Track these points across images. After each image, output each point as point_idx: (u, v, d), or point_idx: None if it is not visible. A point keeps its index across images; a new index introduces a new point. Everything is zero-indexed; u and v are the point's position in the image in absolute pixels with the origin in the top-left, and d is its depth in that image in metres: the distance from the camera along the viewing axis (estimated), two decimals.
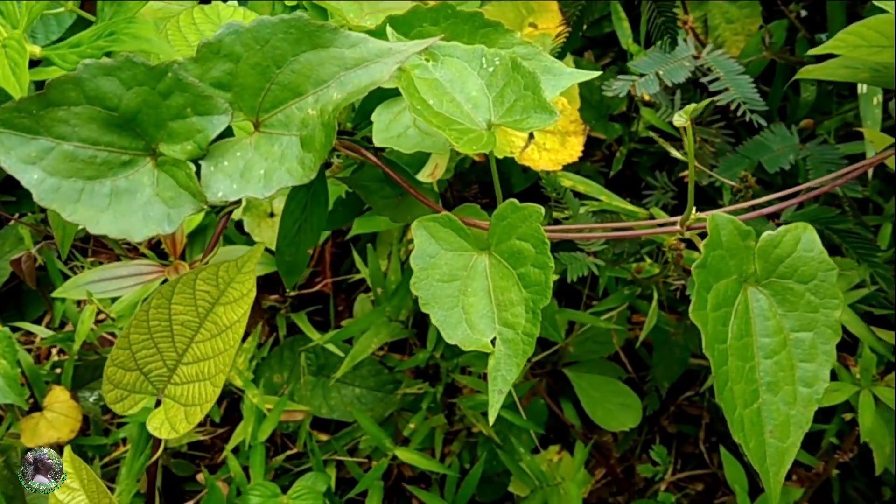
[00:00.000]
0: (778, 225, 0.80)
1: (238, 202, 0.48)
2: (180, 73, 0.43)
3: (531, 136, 0.78)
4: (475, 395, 1.06)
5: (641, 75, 0.84)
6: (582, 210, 0.96)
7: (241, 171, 0.44)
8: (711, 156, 0.94)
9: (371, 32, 0.60)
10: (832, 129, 0.98)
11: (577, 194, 0.96)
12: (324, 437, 1.18)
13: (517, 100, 0.52)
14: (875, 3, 0.49)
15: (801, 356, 0.50)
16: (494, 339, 0.50)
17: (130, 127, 0.44)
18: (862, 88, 0.87)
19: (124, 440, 1.21)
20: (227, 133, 0.48)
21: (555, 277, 0.96)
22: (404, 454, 1.08)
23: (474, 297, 0.51)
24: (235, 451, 1.13)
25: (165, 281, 0.96)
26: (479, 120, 0.53)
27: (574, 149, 0.84)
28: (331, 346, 1.15)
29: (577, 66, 1.20)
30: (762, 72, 1.07)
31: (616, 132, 1.17)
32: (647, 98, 0.99)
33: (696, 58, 0.85)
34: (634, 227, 0.66)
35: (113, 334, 1.20)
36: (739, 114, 0.81)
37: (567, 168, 1.22)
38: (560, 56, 0.85)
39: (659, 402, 1.14)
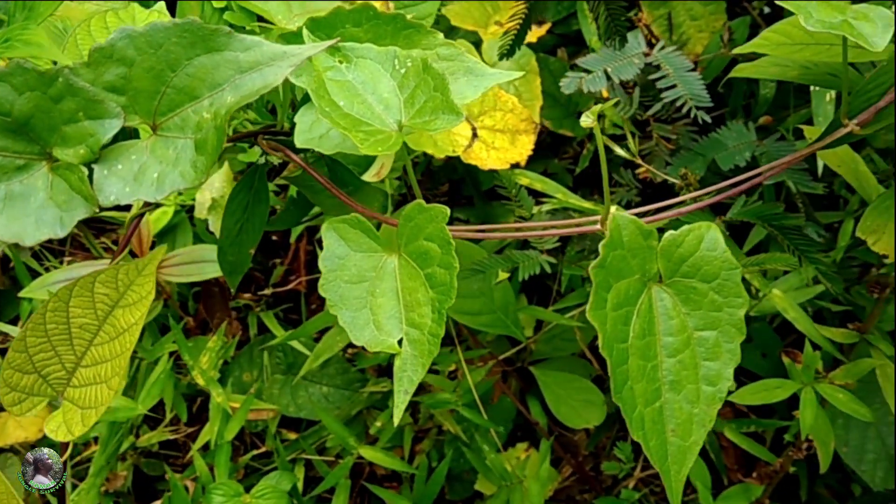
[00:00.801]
0: (725, 221, 0.80)
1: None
2: (71, 78, 0.44)
3: (474, 134, 0.78)
4: (437, 392, 1.06)
5: (590, 72, 0.84)
6: (545, 208, 0.96)
7: (135, 175, 0.45)
8: (668, 153, 0.94)
9: (295, 34, 0.60)
10: (791, 126, 0.98)
11: (536, 192, 0.97)
12: (293, 436, 1.19)
13: (427, 101, 0.52)
14: (783, 3, 0.49)
15: (705, 355, 0.50)
16: (401, 340, 0.51)
17: (24, 132, 0.44)
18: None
19: (95, 439, 1.22)
20: (134, 135, 0.48)
21: (505, 276, 0.97)
22: (369, 453, 1.08)
23: (383, 297, 0.51)
24: (207, 449, 1.14)
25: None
26: (389, 121, 0.53)
27: (524, 147, 0.84)
28: (297, 345, 1.15)
29: (546, 64, 1.20)
30: (725, 68, 1.06)
31: (584, 129, 1.17)
32: (605, 94, 0.99)
33: (646, 55, 0.85)
34: (557, 227, 0.66)
35: None
36: (685, 111, 0.80)
37: (535, 165, 1.22)
38: (510, 52, 0.85)
39: None
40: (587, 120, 0.51)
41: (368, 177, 0.80)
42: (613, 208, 0.58)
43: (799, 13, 0.47)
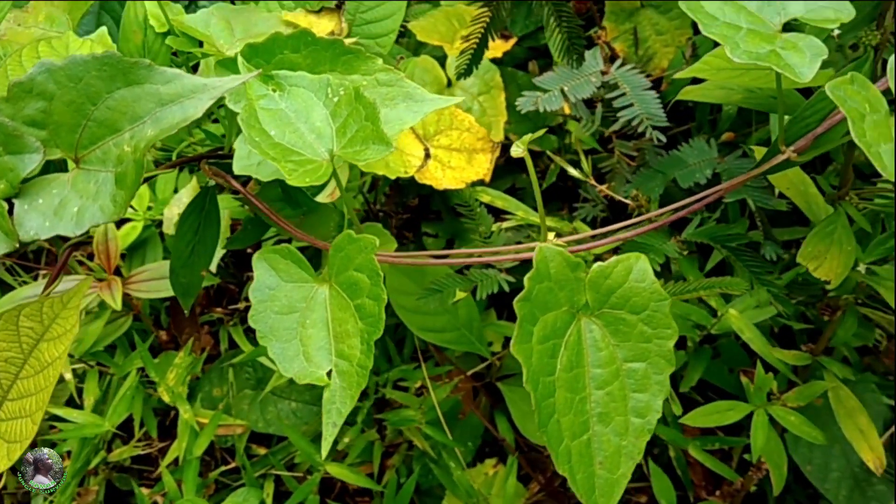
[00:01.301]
0: (680, 240, 0.80)
1: None
2: None
3: (427, 155, 0.78)
4: (402, 409, 1.06)
5: (546, 91, 0.84)
6: (506, 225, 0.96)
7: (55, 209, 0.45)
8: (630, 170, 0.94)
9: (233, 61, 0.60)
10: (754, 143, 0.97)
11: (497, 209, 0.97)
12: (262, 451, 1.19)
13: (358, 130, 0.52)
14: (711, 35, 0.48)
15: (634, 386, 0.49)
16: (331, 371, 0.50)
17: None
18: None
19: (69, 453, 1.22)
20: (64, 167, 0.48)
21: (462, 295, 0.96)
22: (336, 469, 1.08)
23: (313, 328, 0.51)
24: (178, 464, 1.13)
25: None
26: (321, 150, 0.53)
27: (481, 166, 0.84)
28: (265, 360, 1.15)
29: (514, 78, 1.20)
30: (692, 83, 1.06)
31: (552, 144, 1.17)
32: (567, 111, 0.99)
33: (604, 73, 0.85)
34: (483, 255, 0.66)
35: None
36: (640, 130, 0.80)
37: (503, 180, 1.22)
38: (466, 72, 0.85)
39: None
40: (517, 150, 0.51)
41: (322, 198, 0.80)
42: (551, 236, 0.58)
43: (726, 44, 0.47)
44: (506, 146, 1.20)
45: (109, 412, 1.10)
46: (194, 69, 0.71)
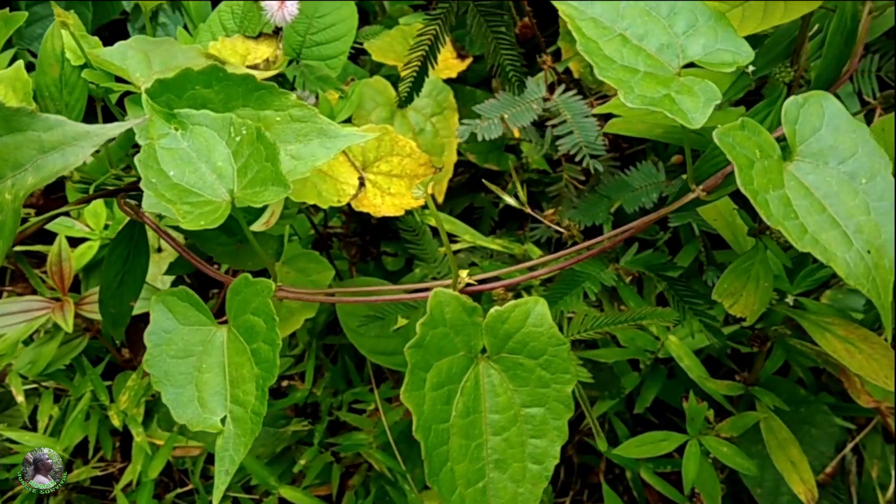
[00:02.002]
0: (617, 270, 0.79)
1: None
2: None
3: (361, 184, 0.78)
4: (354, 432, 1.05)
5: (486, 118, 0.83)
6: (455, 247, 0.95)
7: None
8: (576, 194, 0.93)
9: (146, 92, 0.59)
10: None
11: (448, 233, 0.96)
12: None
13: (259, 171, 0.52)
14: (607, 79, 0.48)
15: (532, 432, 0.49)
16: (225, 417, 0.50)
17: None
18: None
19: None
20: None
21: (403, 322, 0.96)
22: (290, 493, 1.07)
23: (209, 373, 0.50)
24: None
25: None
26: (221, 191, 0.52)
27: None
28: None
29: (473, 97, 1.20)
30: None
31: (509, 162, 1.16)
32: (517, 134, 0.99)
33: (546, 100, 0.84)
34: (391, 292, 0.66)
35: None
36: (578, 159, 0.80)
37: (461, 200, 1.21)
38: (408, 99, 0.84)
39: None
40: (418, 192, 0.50)
41: (257, 227, 0.79)
42: (463, 273, 0.58)
43: (620, 89, 0.46)
44: (462, 165, 1.20)
45: (63, 434, 1.09)
46: (121, 102, 0.70)
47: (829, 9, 0.54)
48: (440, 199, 1.06)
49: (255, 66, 0.77)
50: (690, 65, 0.50)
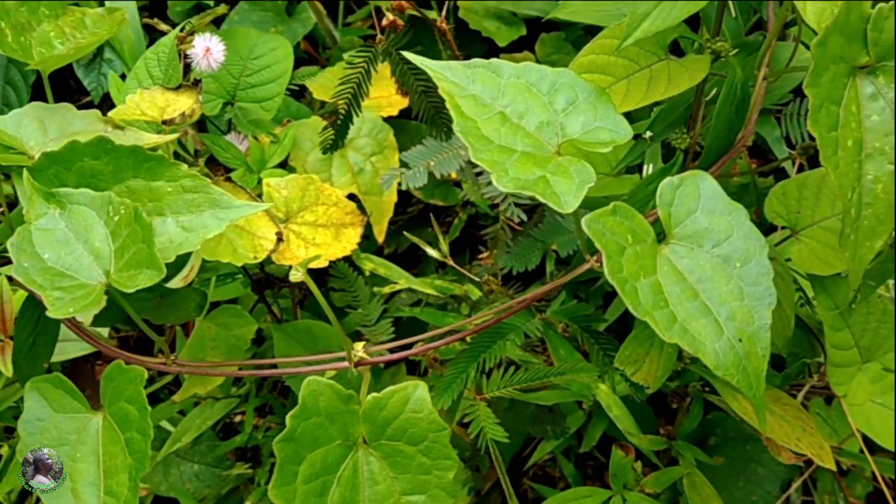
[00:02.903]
0: (543, 319, 0.78)
1: None
2: None
3: (279, 239, 0.76)
4: None
5: (412, 167, 0.82)
6: (387, 290, 0.94)
7: None
8: (512, 236, 0.92)
9: (45, 162, 0.58)
10: None
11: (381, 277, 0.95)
12: None
13: (135, 253, 0.50)
14: (481, 161, 0.46)
15: None
16: None
17: None
18: (648, 168, 0.85)
19: None
20: None
21: (332, 373, 0.94)
22: None
23: (83, 462, 0.49)
24: None
25: None
26: (97, 273, 0.51)
27: (349, 241, 0.82)
28: (164, 423, 1.13)
29: (419, 132, 1.18)
30: None
31: (456, 197, 1.15)
32: (454, 176, 0.97)
33: None
34: (295, 364, 0.65)
35: None
36: (501, 208, 0.78)
37: (403, 236, 1.20)
38: (332, 147, 0.83)
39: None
40: (296, 275, 0.49)
41: (175, 283, 0.78)
42: (359, 346, 0.57)
43: (493, 172, 0.45)
44: (405, 203, 1.19)
45: (3, 480, 1.08)
46: None
47: (723, 75, 0.53)
48: (381, 239, 1.05)
49: (170, 121, 0.76)
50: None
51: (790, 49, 0.55)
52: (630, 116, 0.54)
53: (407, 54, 0.52)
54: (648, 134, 0.59)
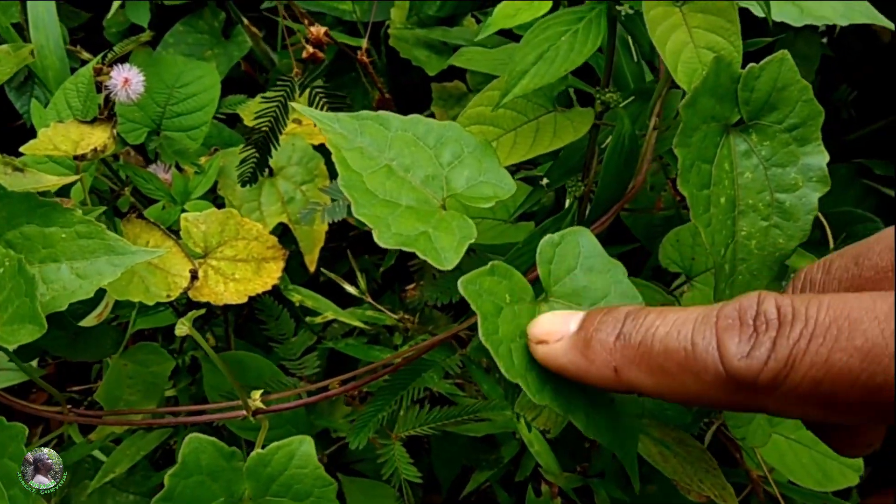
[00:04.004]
0: (463, 355, 0.78)
1: None
2: None
3: (194, 276, 0.76)
4: None
5: (334, 200, 0.82)
6: (317, 320, 0.94)
7: None
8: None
9: None
10: None
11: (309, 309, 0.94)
12: None
13: (18, 307, 0.50)
14: (362, 217, 0.46)
15: None
16: None
17: None
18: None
19: None
20: None
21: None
22: None
23: None
24: None
25: None
26: None
27: (271, 275, 0.82)
28: (97, 453, 1.11)
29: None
30: None
31: None
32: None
33: None
34: (193, 412, 0.64)
35: None
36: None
37: (340, 262, 1.20)
38: (251, 179, 0.83)
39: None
40: (182, 329, 0.49)
41: (88, 322, 0.77)
42: (256, 395, 0.56)
43: (375, 228, 0.45)
44: (345, 231, 1.18)
45: None
46: None
47: (614, 125, 0.54)
48: (312, 269, 1.04)
49: (83, 156, 0.75)
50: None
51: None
52: (533, 161, 0.55)
53: (295, 105, 0.52)
54: (545, 181, 0.59)
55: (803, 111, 0.45)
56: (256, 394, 0.55)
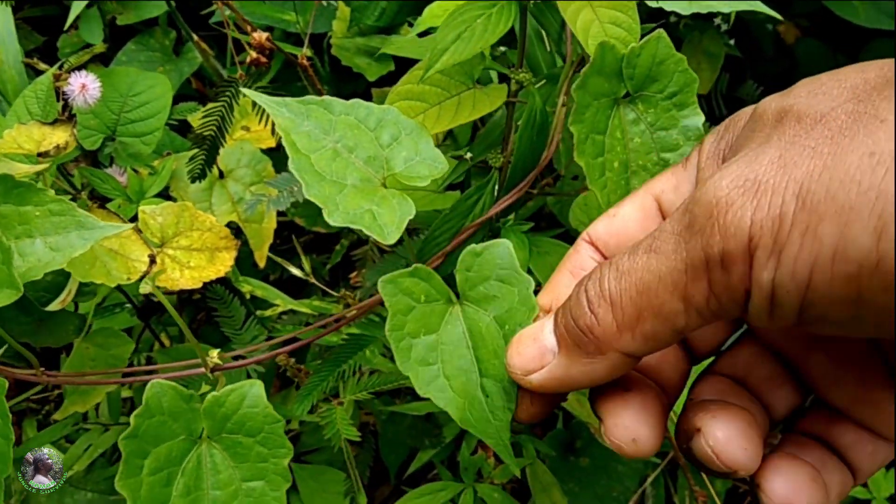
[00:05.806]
0: None
1: None
2: None
3: (152, 260, 0.81)
4: None
5: (280, 192, 0.88)
6: (268, 313, 0.99)
7: None
8: (380, 256, 0.99)
9: None
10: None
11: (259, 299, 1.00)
12: None
13: None
14: (307, 197, 0.52)
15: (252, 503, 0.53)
16: None
17: None
18: None
19: None
20: None
21: (206, 388, 0.99)
22: None
23: None
24: None
25: None
26: None
27: (223, 264, 0.87)
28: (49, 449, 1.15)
29: None
30: None
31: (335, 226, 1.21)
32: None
33: None
34: (158, 371, 0.70)
35: None
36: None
37: (294, 261, 1.25)
38: (200, 176, 0.88)
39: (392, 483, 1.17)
40: (145, 287, 0.54)
41: (53, 306, 0.82)
42: (214, 353, 0.62)
43: (325, 207, 0.49)
44: (298, 233, 1.24)
45: None
46: None
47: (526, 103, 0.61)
48: (261, 265, 1.10)
49: (46, 153, 0.81)
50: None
51: None
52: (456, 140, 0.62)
53: (245, 90, 0.58)
54: (469, 154, 0.66)
55: (680, 80, 0.53)
56: (214, 351, 0.61)
